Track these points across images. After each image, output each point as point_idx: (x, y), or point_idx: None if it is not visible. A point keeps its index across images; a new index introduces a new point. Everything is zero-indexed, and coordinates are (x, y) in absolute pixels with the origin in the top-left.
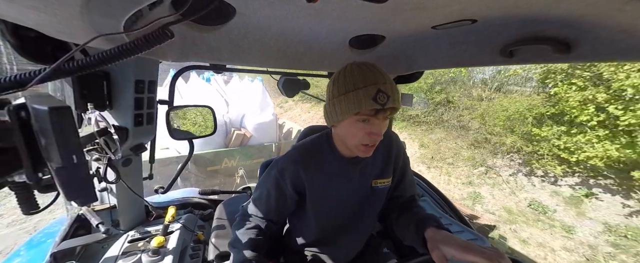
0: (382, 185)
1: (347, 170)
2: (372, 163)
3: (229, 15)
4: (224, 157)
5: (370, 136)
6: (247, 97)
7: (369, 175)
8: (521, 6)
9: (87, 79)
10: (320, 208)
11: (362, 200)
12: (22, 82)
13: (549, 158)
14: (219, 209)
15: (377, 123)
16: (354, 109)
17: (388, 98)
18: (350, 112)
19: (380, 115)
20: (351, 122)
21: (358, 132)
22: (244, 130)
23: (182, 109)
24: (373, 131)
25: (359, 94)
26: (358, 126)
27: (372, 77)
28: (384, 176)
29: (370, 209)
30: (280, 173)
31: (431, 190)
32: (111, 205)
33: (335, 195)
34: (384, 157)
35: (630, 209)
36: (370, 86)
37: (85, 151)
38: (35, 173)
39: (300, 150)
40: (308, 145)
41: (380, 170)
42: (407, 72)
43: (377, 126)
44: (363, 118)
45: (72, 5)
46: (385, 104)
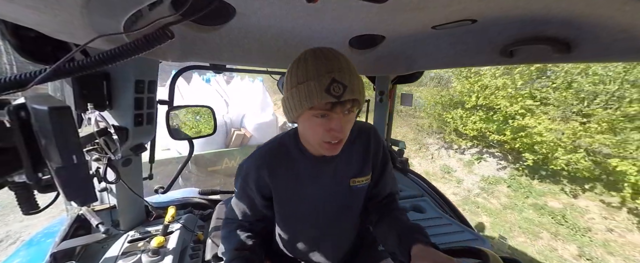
0: (360, 184)
1: (318, 171)
2: (347, 161)
3: (229, 15)
4: (225, 157)
5: (330, 133)
6: (247, 97)
7: (346, 174)
8: (521, 6)
9: (87, 79)
10: (292, 213)
11: (340, 201)
12: (22, 82)
13: (454, 134)
14: (217, 209)
15: (336, 118)
16: (307, 103)
17: (344, 89)
18: (304, 107)
19: (337, 108)
20: (307, 118)
21: (317, 129)
22: (244, 130)
23: (182, 109)
24: (332, 127)
25: (311, 86)
26: (315, 122)
27: (325, 66)
28: (363, 174)
29: (350, 211)
30: (244, 179)
31: (431, 190)
32: (111, 205)
33: (307, 198)
34: (362, 154)
35: (500, 166)
36: (323, 76)
37: (85, 151)
38: (35, 173)
39: (264, 151)
40: (273, 145)
41: (358, 169)
42: (407, 72)
43: (336, 121)
44: (319, 112)
45: (72, 5)
46: (341, 96)
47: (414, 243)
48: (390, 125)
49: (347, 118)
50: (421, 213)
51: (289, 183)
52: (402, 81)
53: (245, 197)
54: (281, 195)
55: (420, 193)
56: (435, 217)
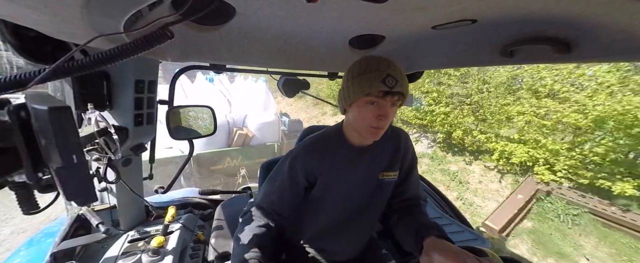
0: (388, 179)
1: (356, 160)
2: (380, 156)
3: (229, 15)
4: (227, 157)
5: (378, 118)
6: (250, 97)
7: (378, 167)
8: (521, 6)
9: (87, 79)
10: (330, 196)
11: (369, 192)
12: (22, 82)
13: (401, 122)
14: (219, 209)
15: (385, 105)
16: (365, 89)
17: (396, 82)
18: (362, 93)
19: (388, 97)
20: (361, 104)
21: (367, 114)
22: (246, 130)
23: (182, 108)
24: (381, 113)
25: (370, 77)
26: (367, 108)
27: (383, 64)
28: (391, 169)
29: (377, 202)
30: (293, 162)
31: (432, 191)
32: (111, 205)
33: (345, 183)
34: (392, 151)
35: (430, 145)
36: (380, 70)
37: (85, 151)
38: (35, 173)
39: (313, 139)
40: (320, 135)
41: (388, 163)
42: (407, 72)
43: (384, 109)
44: (372, 100)
45: (72, 5)
46: (393, 87)
47: (428, 235)
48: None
49: (392, 110)
50: None
51: (332, 169)
52: None
53: (290, 179)
54: (324, 179)
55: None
56: (436, 217)
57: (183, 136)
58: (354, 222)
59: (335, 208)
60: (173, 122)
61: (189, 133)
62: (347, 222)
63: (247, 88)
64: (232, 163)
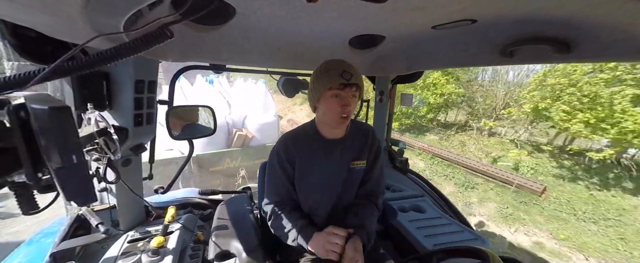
0: (358, 167)
1: (329, 149)
2: (351, 146)
3: (229, 15)
4: (226, 158)
5: (343, 108)
6: (249, 99)
7: (349, 157)
8: (521, 6)
9: (87, 79)
10: (307, 181)
11: (342, 180)
12: (22, 81)
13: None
14: (219, 209)
15: (346, 96)
16: (327, 84)
17: (351, 75)
18: (325, 88)
19: (347, 89)
20: (327, 98)
21: (334, 106)
22: (246, 131)
23: (182, 109)
24: (344, 103)
25: (330, 74)
26: (333, 101)
27: (338, 64)
28: (360, 158)
29: (349, 189)
30: (277, 155)
31: (431, 190)
32: (111, 205)
33: (319, 171)
34: (361, 142)
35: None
36: (337, 68)
37: (85, 151)
38: (35, 174)
39: (289, 133)
40: (297, 130)
41: (357, 153)
42: (407, 72)
43: (346, 99)
44: (335, 93)
45: (72, 5)
46: (349, 79)
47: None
48: (390, 125)
49: (353, 100)
50: (421, 213)
51: (308, 159)
52: (402, 81)
53: (281, 168)
54: (300, 166)
55: (420, 193)
56: (435, 217)
57: (183, 136)
58: (334, 208)
59: (315, 191)
60: (173, 122)
61: (188, 134)
62: (328, 212)
63: (247, 89)
64: (231, 164)
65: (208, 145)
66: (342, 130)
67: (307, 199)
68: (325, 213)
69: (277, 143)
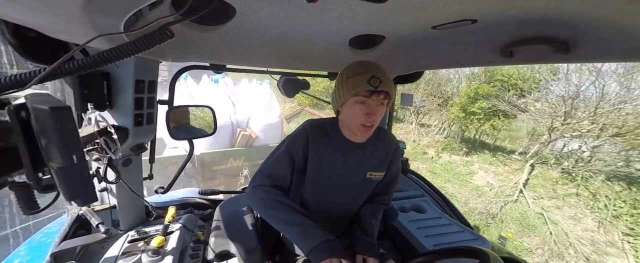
0: (374, 178)
1: (348, 152)
2: (371, 155)
3: (229, 15)
4: (230, 157)
5: (367, 116)
6: (254, 99)
7: (366, 165)
8: (521, 6)
9: (87, 79)
10: (317, 181)
11: (355, 186)
12: (22, 82)
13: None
14: (218, 209)
15: (372, 104)
16: (353, 90)
17: (380, 82)
18: (350, 93)
19: (374, 96)
20: (351, 104)
21: (357, 113)
22: (250, 130)
23: (182, 108)
24: (369, 111)
25: (357, 78)
26: (357, 107)
27: (368, 67)
28: (379, 170)
29: (361, 195)
30: (294, 139)
31: (431, 190)
32: (111, 205)
33: (332, 172)
34: (383, 154)
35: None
36: (365, 73)
37: (85, 151)
38: (36, 173)
39: (312, 123)
40: (320, 121)
41: (378, 164)
42: (407, 72)
43: (372, 107)
44: (360, 99)
45: (73, 5)
46: (377, 86)
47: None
48: (390, 125)
49: (380, 108)
50: (421, 213)
51: (324, 153)
52: (402, 81)
53: (288, 154)
54: (315, 160)
55: (420, 193)
56: (435, 217)
57: (183, 136)
58: (340, 214)
59: (323, 193)
60: (173, 122)
61: (189, 134)
62: (333, 212)
63: (252, 90)
64: (234, 163)
65: (212, 144)
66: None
67: (313, 197)
68: (326, 214)
69: (300, 128)
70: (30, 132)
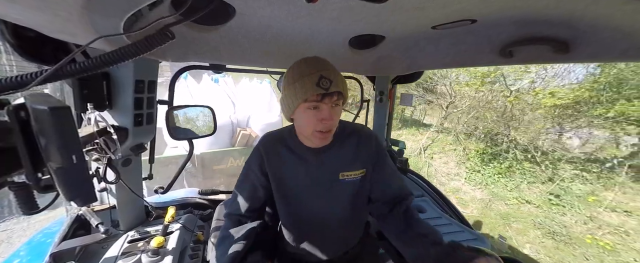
0: (349, 178)
1: (307, 158)
2: (336, 155)
3: (229, 15)
4: (230, 156)
5: (322, 122)
6: (254, 98)
7: (335, 167)
8: (521, 6)
9: (87, 79)
10: (284, 189)
11: (327, 190)
12: (23, 83)
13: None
14: (218, 209)
15: (325, 108)
16: (302, 95)
17: (330, 83)
18: (299, 100)
19: (326, 99)
20: (302, 110)
21: (310, 119)
22: (250, 130)
23: (182, 108)
24: (323, 116)
25: (304, 81)
26: (309, 114)
27: (314, 66)
28: (353, 169)
29: (338, 200)
30: (248, 160)
31: (431, 190)
32: (111, 205)
33: (297, 179)
34: (352, 152)
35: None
36: (313, 74)
37: (85, 151)
38: (35, 174)
39: (266, 137)
40: (272, 133)
41: (349, 163)
42: (407, 72)
43: (326, 111)
44: (312, 104)
45: (73, 5)
46: (328, 88)
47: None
48: (390, 125)
49: (335, 110)
50: (421, 213)
51: (282, 166)
52: (402, 81)
53: (248, 180)
54: (274, 173)
55: (420, 193)
56: (435, 217)
57: (183, 136)
58: (325, 222)
59: (296, 204)
60: (173, 122)
61: (188, 134)
62: (318, 222)
63: (252, 89)
64: (234, 163)
65: (212, 143)
66: (327, 141)
67: (288, 211)
68: (316, 223)
69: (255, 146)
70: (29, 132)
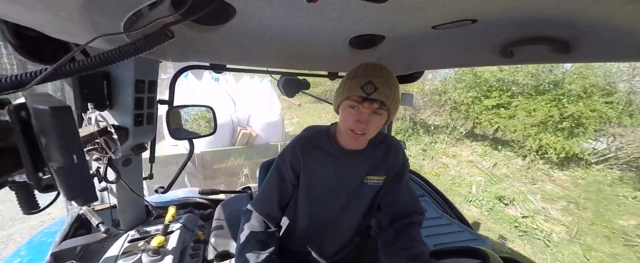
0: (373, 183)
1: (341, 159)
2: (367, 160)
3: (229, 15)
4: (230, 156)
5: (356, 123)
6: (255, 97)
7: (362, 169)
8: (521, 6)
9: (87, 79)
10: (311, 191)
11: (351, 193)
12: (23, 82)
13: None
14: (219, 209)
15: (363, 111)
16: (346, 93)
17: (375, 89)
18: (343, 96)
19: (366, 103)
20: (344, 107)
21: (348, 117)
22: (250, 129)
23: (182, 108)
24: (359, 118)
25: (353, 82)
26: (348, 111)
27: (368, 72)
28: (376, 173)
29: (358, 204)
30: (281, 157)
31: (431, 190)
32: (111, 205)
33: (326, 180)
34: (381, 157)
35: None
36: (363, 77)
37: (86, 151)
38: (36, 173)
39: (301, 136)
40: (309, 133)
41: (375, 168)
42: (407, 72)
43: (362, 114)
44: (352, 103)
45: (73, 5)
46: (370, 93)
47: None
48: (391, 125)
49: (374, 118)
50: None
51: (315, 163)
52: (402, 81)
53: (278, 175)
54: (307, 170)
55: (420, 193)
56: (435, 217)
57: (183, 136)
58: (337, 221)
59: (319, 202)
60: (173, 121)
61: (189, 133)
62: (331, 224)
63: (252, 88)
64: (235, 162)
65: (212, 142)
66: (361, 144)
67: (311, 207)
68: (331, 224)
69: (289, 144)
70: (30, 131)
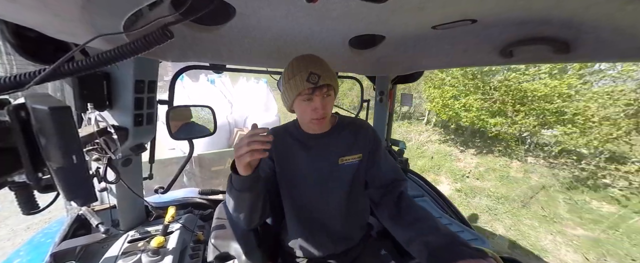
0: (348, 162)
1: (309, 143)
2: (336, 143)
3: (229, 15)
4: (228, 157)
5: (315, 111)
6: (251, 98)
7: (335, 153)
8: (521, 6)
9: (87, 79)
10: (289, 180)
11: (327, 175)
12: (22, 82)
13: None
14: (219, 209)
15: (317, 99)
16: (295, 91)
17: (319, 77)
18: (294, 94)
19: (317, 92)
20: (298, 103)
21: (306, 109)
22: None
23: (182, 108)
24: (315, 107)
25: (296, 79)
26: (304, 105)
27: (305, 64)
28: (351, 153)
29: (338, 185)
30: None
31: (431, 190)
32: (111, 205)
33: (299, 164)
34: (351, 138)
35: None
36: (303, 72)
37: (85, 151)
38: (35, 173)
39: (275, 127)
40: (280, 126)
41: (346, 149)
42: (407, 72)
43: (317, 102)
44: (304, 97)
45: (72, 5)
46: (317, 82)
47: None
48: (391, 125)
49: (326, 100)
50: None
51: (287, 151)
52: (402, 81)
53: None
54: (281, 161)
55: (420, 193)
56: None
57: (183, 136)
58: (324, 210)
59: (301, 194)
60: (173, 122)
61: (188, 134)
62: (318, 213)
63: (249, 89)
64: None
65: (209, 144)
66: (324, 126)
67: (293, 196)
68: (318, 212)
69: None
70: (29, 132)
